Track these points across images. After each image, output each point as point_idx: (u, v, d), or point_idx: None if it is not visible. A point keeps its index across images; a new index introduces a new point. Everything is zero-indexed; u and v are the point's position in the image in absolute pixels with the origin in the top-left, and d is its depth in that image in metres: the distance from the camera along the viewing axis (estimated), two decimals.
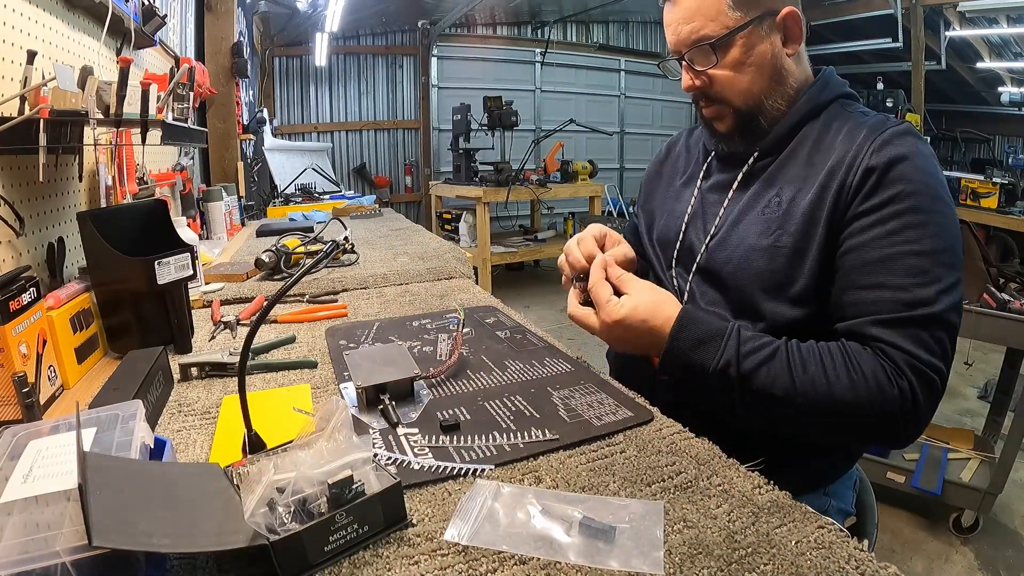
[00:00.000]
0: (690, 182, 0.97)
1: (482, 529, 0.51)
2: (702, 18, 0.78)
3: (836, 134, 0.80)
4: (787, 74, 0.82)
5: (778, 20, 0.79)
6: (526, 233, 5.04)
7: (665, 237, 0.96)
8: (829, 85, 0.85)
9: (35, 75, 0.98)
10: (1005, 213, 4.16)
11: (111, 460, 0.50)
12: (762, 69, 0.80)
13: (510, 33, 6.32)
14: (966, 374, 3.10)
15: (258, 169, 3.44)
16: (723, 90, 0.82)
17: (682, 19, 0.79)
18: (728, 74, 0.80)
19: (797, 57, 0.83)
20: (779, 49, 0.80)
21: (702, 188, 0.93)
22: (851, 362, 0.68)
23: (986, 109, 6.18)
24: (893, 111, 5.49)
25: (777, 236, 0.79)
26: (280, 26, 5.10)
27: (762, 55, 0.79)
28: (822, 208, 0.75)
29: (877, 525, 0.93)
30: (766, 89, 0.81)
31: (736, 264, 0.82)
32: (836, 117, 0.82)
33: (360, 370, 0.78)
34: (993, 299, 1.87)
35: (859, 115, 0.81)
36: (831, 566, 0.46)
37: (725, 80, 0.81)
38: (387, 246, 1.92)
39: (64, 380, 0.85)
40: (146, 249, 0.95)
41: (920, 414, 0.67)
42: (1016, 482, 2.13)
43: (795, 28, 0.80)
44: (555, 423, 0.69)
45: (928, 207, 0.70)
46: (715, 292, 0.85)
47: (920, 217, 0.70)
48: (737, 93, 0.81)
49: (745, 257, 0.81)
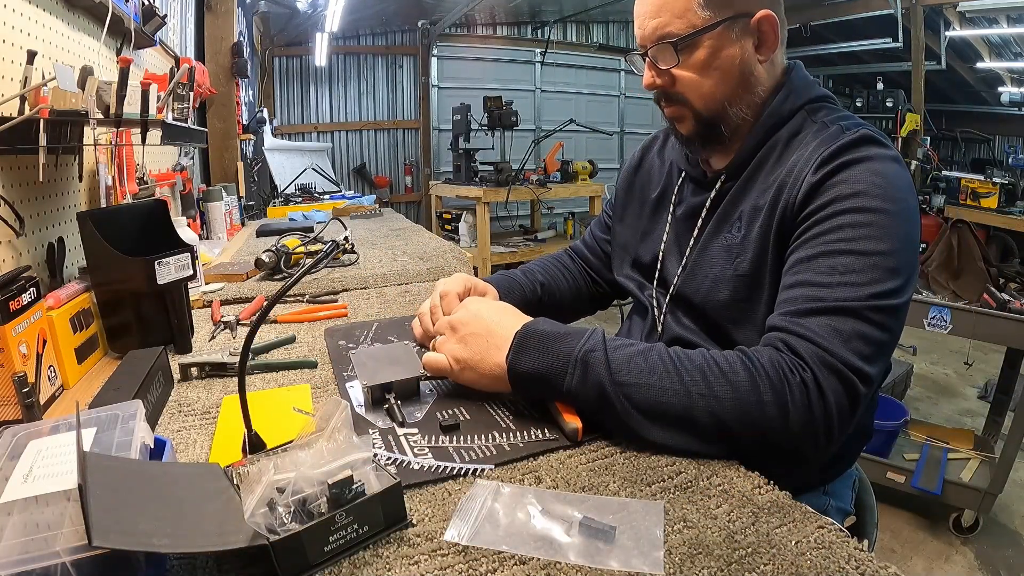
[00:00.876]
0: (663, 203, 0.95)
1: (482, 529, 0.51)
2: (668, 14, 0.74)
3: (795, 150, 0.76)
4: (756, 82, 0.78)
5: (752, 23, 0.75)
6: (526, 233, 5.04)
7: (642, 262, 0.96)
8: (793, 92, 0.80)
9: (35, 75, 0.98)
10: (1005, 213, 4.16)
11: (111, 460, 0.50)
12: (728, 74, 0.76)
13: (510, 33, 6.31)
14: (966, 374, 3.10)
15: (258, 169, 3.43)
16: (685, 91, 0.78)
17: (649, 13, 0.76)
18: (691, 76, 0.77)
19: (771, 64, 0.79)
20: (750, 54, 0.76)
21: (676, 215, 0.92)
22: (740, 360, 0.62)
23: (986, 109, 6.18)
24: (893, 111, 5.50)
25: (737, 264, 0.77)
26: (280, 26, 5.09)
27: (730, 59, 0.75)
28: (770, 230, 0.73)
29: (877, 525, 0.93)
30: (730, 95, 0.77)
31: (704, 295, 0.81)
32: (800, 128, 0.78)
33: (366, 369, 0.78)
34: (993, 299, 1.87)
35: (822, 125, 0.76)
36: (831, 566, 0.46)
37: (688, 81, 0.77)
38: (387, 246, 1.92)
39: (64, 380, 0.85)
40: (146, 249, 0.95)
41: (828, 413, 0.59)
42: (1016, 482, 2.13)
43: (771, 33, 0.76)
44: (555, 422, 0.69)
45: (873, 207, 0.65)
46: (689, 319, 0.86)
47: (861, 216, 0.65)
48: (699, 96, 0.78)
49: (711, 288, 0.80)
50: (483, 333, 0.71)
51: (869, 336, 0.62)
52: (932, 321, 1.87)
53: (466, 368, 0.72)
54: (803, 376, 0.60)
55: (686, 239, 0.88)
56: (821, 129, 0.76)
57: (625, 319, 1.05)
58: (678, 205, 0.92)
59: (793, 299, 0.66)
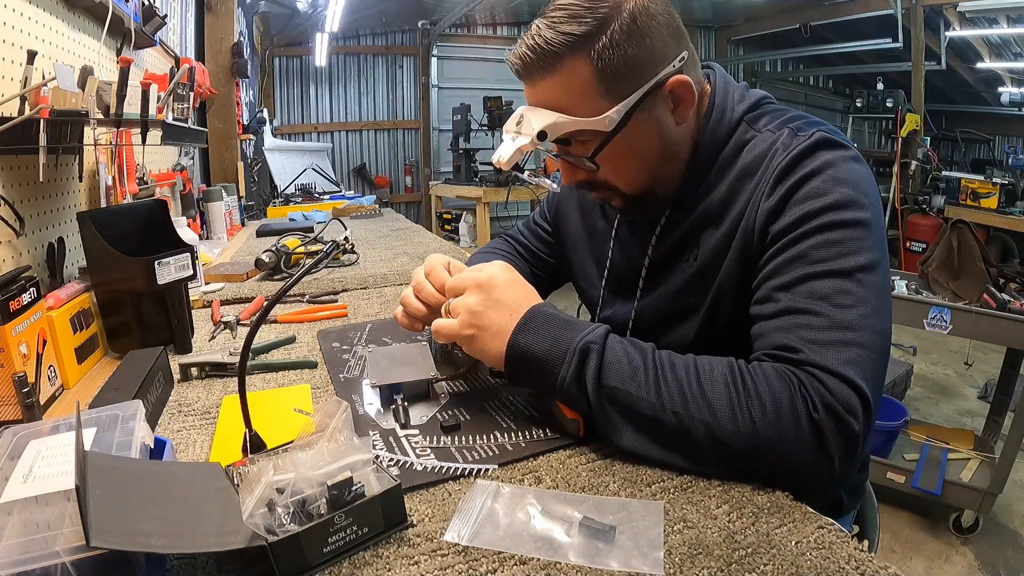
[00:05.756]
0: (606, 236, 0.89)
1: (482, 529, 0.51)
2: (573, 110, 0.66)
3: (746, 166, 0.70)
4: (678, 143, 0.73)
5: (665, 91, 0.68)
6: None
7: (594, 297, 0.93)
8: (726, 109, 0.74)
9: (35, 75, 0.98)
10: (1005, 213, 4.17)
11: (111, 460, 0.50)
12: (648, 154, 0.71)
13: (510, 33, 6.31)
14: (966, 374, 3.10)
15: (258, 169, 3.44)
16: (608, 179, 0.73)
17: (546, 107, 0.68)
18: (610, 169, 0.71)
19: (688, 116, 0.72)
20: (667, 123, 0.70)
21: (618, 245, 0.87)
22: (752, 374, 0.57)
23: (986, 109, 6.17)
24: (893, 111, 5.50)
25: (696, 298, 0.74)
26: (280, 26, 5.09)
27: (647, 139, 0.70)
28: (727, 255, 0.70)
29: (879, 527, 0.93)
30: (656, 170, 0.73)
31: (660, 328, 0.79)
32: (744, 142, 0.72)
33: (378, 369, 0.78)
34: (993, 299, 1.87)
35: (767, 134, 0.71)
36: (831, 566, 0.46)
37: (608, 172, 0.72)
38: (387, 246, 1.92)
39: (64, 380, 0.85)
40: (146, 249, 0.95)
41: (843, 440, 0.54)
42: (1016, 482, 2.13)
43: (685, 94, 0.68)
44: (555, 422, 0.69)
45: (843, 221, 0.61)
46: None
47: (831, 235, 0.61)
48: (623, 182, 0.73)
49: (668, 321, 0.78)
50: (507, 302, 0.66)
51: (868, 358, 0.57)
52: (932, 321, 1.87)
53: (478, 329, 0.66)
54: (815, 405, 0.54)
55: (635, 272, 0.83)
56: (768, 137, 0.70)
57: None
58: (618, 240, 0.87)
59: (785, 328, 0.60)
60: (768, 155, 0.68)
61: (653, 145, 0.71)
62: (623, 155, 0.70)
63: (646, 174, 0.73)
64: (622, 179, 0.73)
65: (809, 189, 0.63)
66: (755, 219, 0.66)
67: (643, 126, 0.69)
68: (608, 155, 0.69)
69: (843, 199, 0.62)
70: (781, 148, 0.67)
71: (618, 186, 0.74)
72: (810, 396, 0.54)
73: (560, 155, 0.73)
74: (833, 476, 0.54)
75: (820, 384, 0.55)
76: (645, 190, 0.75)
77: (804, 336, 0.58)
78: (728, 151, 0.73)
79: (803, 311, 0.59)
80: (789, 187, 0.64)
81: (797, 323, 0.59)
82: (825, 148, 0.65)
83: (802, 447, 0.54)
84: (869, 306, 0.58)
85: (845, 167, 0.64)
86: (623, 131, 0.67)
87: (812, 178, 0.63)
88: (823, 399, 0.54)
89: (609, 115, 0.66)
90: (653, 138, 0.70)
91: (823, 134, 0.66)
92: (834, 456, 0.53)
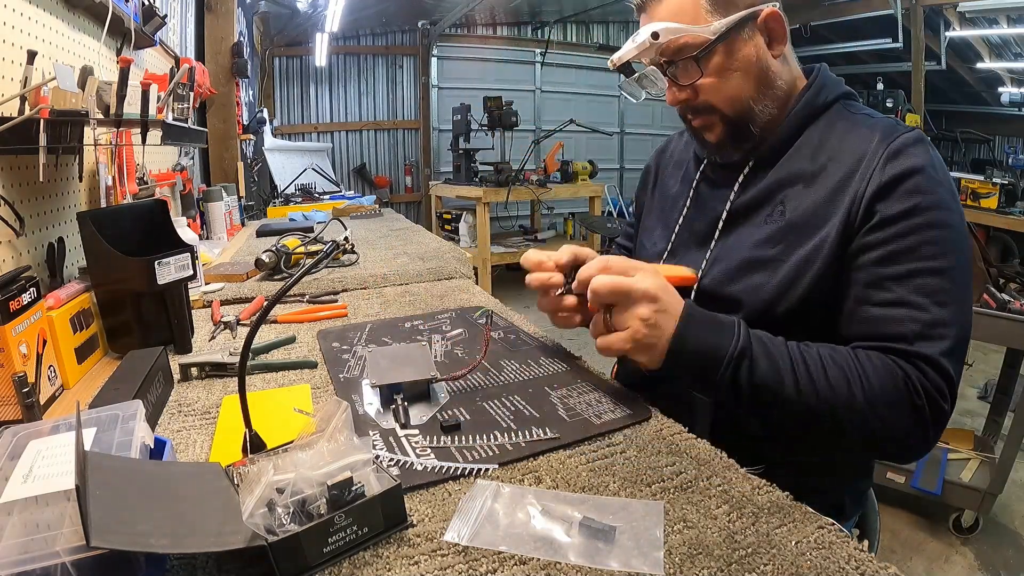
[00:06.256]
0: (681, 195, 0.93)
1: (482, 530, 0.51)
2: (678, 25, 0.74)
3: (842, 139, 0.76)
4: (775, 76, 0.79)
5: (759, 21, 0.76)
6: (526, 233, 5.04)
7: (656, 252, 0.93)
8: (827, 86, 0.81)
9: (35, 75, 0.98)
10: (1005, 213, 4.16)
11: (111, 460, 0.50)
12: (748, 73, 0.77)
13: (510, 33, 6.32)
14: (966, 374, 3.09)
15: (258, 169, 3.44)
16: (710, 98, 0.78)
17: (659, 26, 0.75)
18: (713, 82, 0.77)
19: (783, 58, 0.80)
20: (764, 51, 0.77)
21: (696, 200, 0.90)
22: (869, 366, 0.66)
23: (986, 109, 6.18)
24: (893, 111, 5.49)
25: (781, 249, 0.76)
26: (280, 26, 5.10)
27: (747, 59, 0.76)
28: (831, 218, 0.72)
29: (879, 528, 0.93)
30: (754, 94, 0.78)
31: (733, 277, 0.79)
32: (839, 119, 0.79)
33: (378, 368, 0.78)
34: (993, 299, 1.87)
35: (864, 117, 0.78)
36: (831, 566, 0.46)
37: (711, 88, 0.77)
38: (387, 246, 1.92)
39: (64, 380, 0.85)
40: (146, 249, 0.95)
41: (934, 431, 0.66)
42: (1016, 482, 2.13)
43: (779, 29, 0.77)
44: (555, 422, 0.69)
45: (944, 221, 0.68)
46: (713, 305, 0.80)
47: (935, 233, 0.68)
48: (724, 100, 0.78)
49: (743, 270, 0.78)
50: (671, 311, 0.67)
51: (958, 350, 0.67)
52: None
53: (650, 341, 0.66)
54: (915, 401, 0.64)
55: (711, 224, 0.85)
56: (867, 119, 0.77)
57: None
58: (699, 191, 0.90)
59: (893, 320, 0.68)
60: (873, 135, 0.74)
61: (752, 64, 0.76)
62: (725, 67, 0.76)
63: (746, 92, 0.78)
64: (723, 95, 0.78)
65: (916, 183, 0.69)
66: (866, 189, 0.71)
67: (744, 46, 0.76)
68: (713, 66, 0.76)
69: (943, 201, 0.69)
70: (886, 132, 0.73)
71: (718, 105, 0.78)
72: (914, 385, 0.64)
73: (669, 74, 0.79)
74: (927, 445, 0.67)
75: (922, 376, 0.65)
76: (743, 114, 0.79)
77: (913, 330, 0.66)
78: (821, 123, 0.79)
79: (913, 305, 0.67)
80: (900, 172, 0.70)
81: (908, 316, 0.67)
82: (924, 145, 0.72)
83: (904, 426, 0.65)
84: (961, 303, 0.68)
85: (941, 170, 0.72)
86: (726, 43, 0.74)
87: (918, 173, 0.69)
88: (925, 388, 0.64)
89: (714, 25, 0.74)
90: (752, 58, 0.76)
91: (920, 132, 0.74)
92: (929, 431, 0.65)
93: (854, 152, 0.74)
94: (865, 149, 0.73)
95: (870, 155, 0.72)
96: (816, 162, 0.77)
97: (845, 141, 0.76)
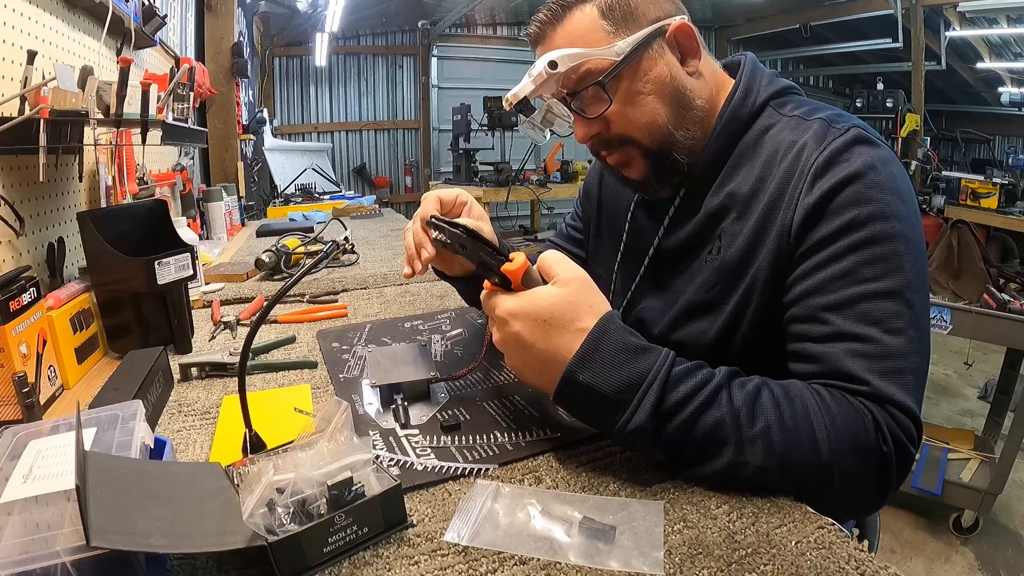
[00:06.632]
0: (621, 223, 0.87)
1: (482, 530, 0.51)
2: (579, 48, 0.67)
3: (772, 154, 0.68)
4: (693, 96, 0.70)
5: (668, 36, 0.69)
6: (526, 233, 5.05)
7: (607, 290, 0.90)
8: (752, 88, 0.72)
9: (35, 75, 0.99)
10: (1005, 213, 4.17)
11: (111, 460, 0.50)
12: (662, 96, 0.69)
13: (510, 33, 6.32)
14: (966, 374, 3.10)
15: (258, 169, 3.44)
16: (623, 129, 0.70)
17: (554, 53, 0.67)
18: (624, 109, 0.69)
19: (699, 74, 0.71)
20: (677, 69, 0.69)
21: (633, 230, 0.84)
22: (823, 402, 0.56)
23: (986, 109, 6.18)
24: (893, 111, 5.51)
25: (718, 292, 0.70)
26: (280, 26, 5.10)
27: (659, 79, 0.68)
28: (760, 252, 0.66)
29: (879, 528, 0.93)
30: (672, 119, 0.70)
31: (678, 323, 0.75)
32: (769, 126, 0.70)
33: (378, 368, 0.78)
34: (993, 299, 1.87)
35: (796, 120, 0.69)
36: (831, 566, 0.46)
37: (622, 117, 0.69)
38: (387, 246, 1.92)
39: (64, 380, 0.85)
40: (146, 249, 0.95)
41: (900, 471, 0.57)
42: (1016, 482, 2.13)
43: (690, 43, 0.70)
44: (555, 422, 0.69)
45: (887, 233, 0.59)
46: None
47: (878, 249, 0.59)
48: (640, 129, 0.70)
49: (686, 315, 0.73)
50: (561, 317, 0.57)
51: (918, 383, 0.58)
52: (932, 321, 1.86)
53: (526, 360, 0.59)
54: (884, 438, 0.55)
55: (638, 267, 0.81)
56: (798, 124, 0.68)
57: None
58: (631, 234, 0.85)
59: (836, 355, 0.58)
60: (801, 146, 0.65)
61: (665, 86, 0.69)
62: (636, 93, 0.68)
63: (663, 118, 0.69)
64: (638, 124, 0.70)
65: (851, 195, 0.60)
66: (792, 217, 0.63)
67: (654, 66, 0.68)
68: (622, 91, 0.68)
69: (886, 209, 0.60)
70: (815, 140, 0.64)
71: (634, 135, 0.70)
72: (882, 431, 0.55)
73: (574, 107, 0.71)
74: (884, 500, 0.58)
75: (889, 417, 0.56)
76: (664, 143, 0.70)
77: (863, 366, 0.57)
78: (751, 135, 0.71)
79: (858, 337, 0.58)
80: (830, 188, 0.61)
81: (854, 351, 0.58)
82: (862, 145, 0.63)
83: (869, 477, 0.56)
84: (917, 328, 0.58)
85: (886, 171, 0.62)
86: (633, 63, 0.67)
87: (853, 182, 0.61)
88: (892, 432, 0.55)
89: (618, 45, 0.67)
90: (665, 79, 0.69)
91: (859, 130, 0.64)
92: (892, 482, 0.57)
93: (784, 169, 0.65)
94: (794, 166, 0.64)
95: (798, 173, 0.64)
96: (748, 182, 0.69)
97: (775, 156, 0.67)
